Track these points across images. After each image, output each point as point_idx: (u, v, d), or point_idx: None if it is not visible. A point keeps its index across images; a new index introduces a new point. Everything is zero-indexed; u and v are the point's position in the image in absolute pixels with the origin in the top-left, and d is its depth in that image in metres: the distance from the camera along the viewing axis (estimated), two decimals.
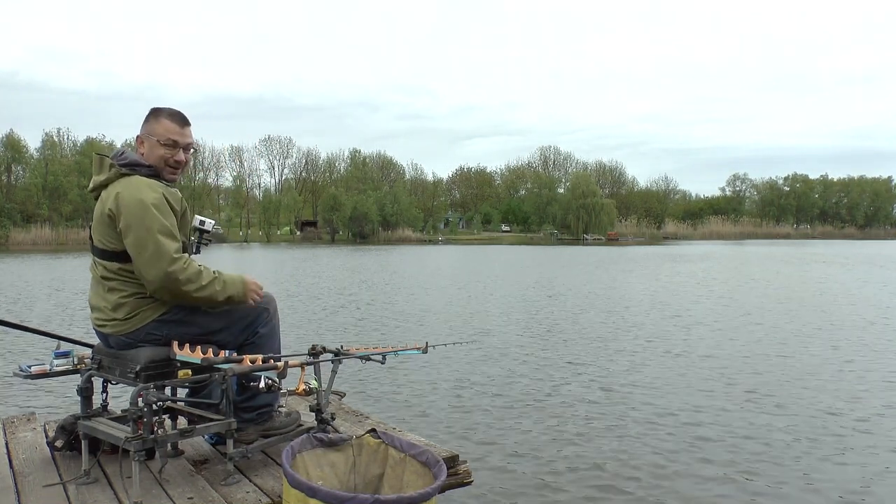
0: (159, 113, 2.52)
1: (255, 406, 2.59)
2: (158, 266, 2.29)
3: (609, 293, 15.18)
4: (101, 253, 2.44)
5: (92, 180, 2.50)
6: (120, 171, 2.43)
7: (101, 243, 2.43)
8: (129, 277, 2.41)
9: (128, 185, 2.38)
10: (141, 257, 2.31)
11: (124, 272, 2.41)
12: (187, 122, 2.54)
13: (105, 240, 2.41)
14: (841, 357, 7.46)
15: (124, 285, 2.41)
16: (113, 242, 2.39)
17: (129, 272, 2.40)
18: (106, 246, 2.41)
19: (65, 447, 2.62)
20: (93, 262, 2.52)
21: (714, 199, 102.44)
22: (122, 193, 2.35)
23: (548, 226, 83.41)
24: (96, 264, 2.48)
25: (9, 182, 64.97)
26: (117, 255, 2.40)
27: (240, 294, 2.48)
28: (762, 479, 3.90)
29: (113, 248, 2.40)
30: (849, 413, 5.23)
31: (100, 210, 2.43)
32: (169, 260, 2.30)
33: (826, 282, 18.00)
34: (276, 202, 79.69)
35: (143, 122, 2.52)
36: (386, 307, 12.70)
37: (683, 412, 5.27)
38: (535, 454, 4.33)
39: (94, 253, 2.49)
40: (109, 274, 2.42)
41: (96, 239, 2.45)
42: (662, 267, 25.37)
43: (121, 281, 2.41)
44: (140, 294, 2.41)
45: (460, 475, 2.63)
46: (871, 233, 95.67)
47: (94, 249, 2.49)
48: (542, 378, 6.50)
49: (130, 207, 2.32)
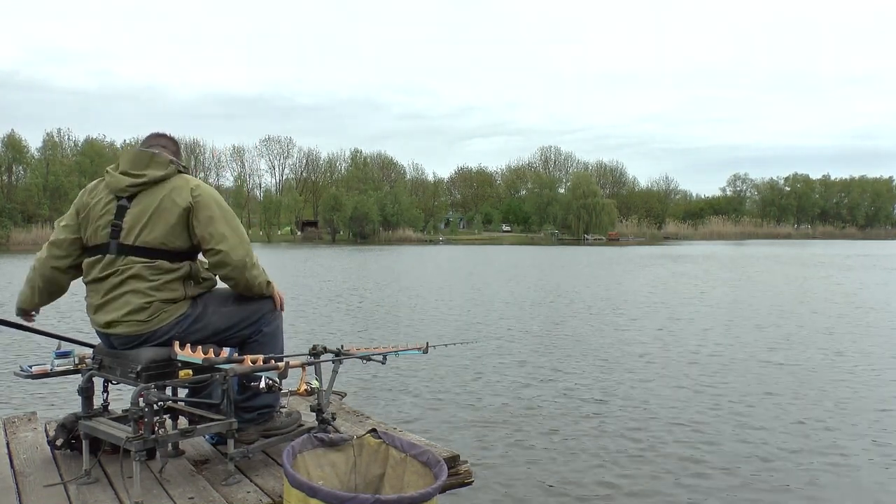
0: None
1: (256, 406, 2.59)
2: (244, 248, 2.48)
3: (610, 293, 15.18)
4: (149, 251, 2.36)
5: (140, 173, 2.40)
6: (178, 167, 2.50)
7: (152, 239, 2.35)
8: (166, 281, 2.38)
9: (199, 182, 2.50)
10: (227, 242, 2.43)
11: (167, 274, 2.37)
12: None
13: (165, 235, 2.36)
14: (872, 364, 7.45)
15: (154, 290, 2.36)
16: (174, 239, 2.37)
17: (170, 273, 2.38)
18: (161, 244, 2.36)
19: (65, 446, 2.62)
20: (109, 262, 2.39)
21: (715, 200, 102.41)
22: (199, 188, 2.46)
23: (548, 226, 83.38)
24: (128, 264, 2.36)
25: (9, 182, 65.00)
26: (172, 253, 2.38)
27: (272, 288, 2.65)
28: (769, 482, 3.90)
29: (171, 246, 2.38)
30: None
31: (164, 203, 2.37)
32: (249, 245, 2.53)
33: (842, 285, 17.98)
34: (276, 202, 79.71)
35: (173, 151, 2.59)
36: (386, 307, 12.70)
37: (685, 413, 5.27)
38: (535, 454, 4.33)
39: (127, 252, 2.37)
40: (146, 273, 2.36)
41: (144, 235, 2.35)
42: (663, 267, 25.36)
43: (153, 285, 2.36)
44: (165, 297, 2.38)
45: (461, 475, 2.63)
46: (871, 233, 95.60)
47: (127, 248, 2.37)
48: (543, 378, 6.50)
49: (211, 198, 2.46)
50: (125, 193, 2.41)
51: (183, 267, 2.43)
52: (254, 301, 2.59)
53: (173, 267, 2.40)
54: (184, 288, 2.44)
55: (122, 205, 2.41)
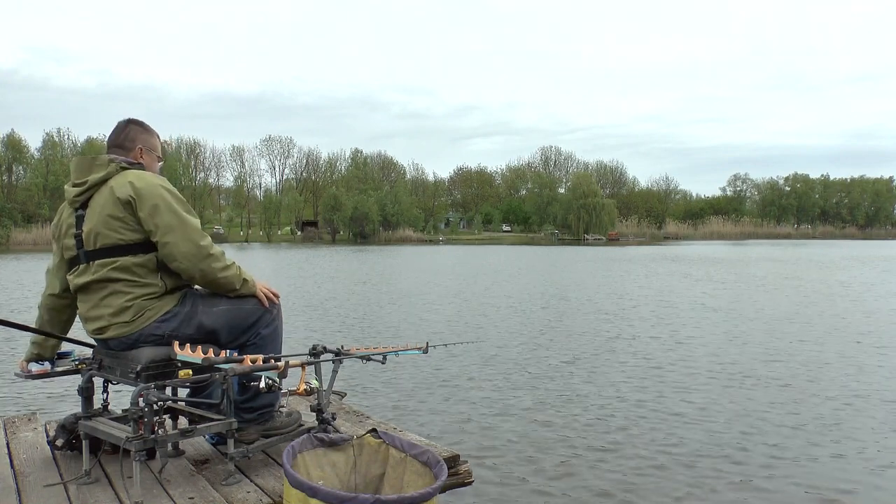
0: (149, 127, 2.65)
1: (256, 406, 2.59)
2: (192, 240, 2.37)
3: (610, 293, 15.18)
4: (109, 251, 2.37)
5: (83, 180, 2.43)
6: (120, 165, 2.45)
7: (108, 239, 2.36)
8: (139, 276, 2.38)
9: (139, 175, 2.42)
10: (174, 234, 2.35)
11: (136, 268, 2.37)
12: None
13: (117, 232, 2.36)
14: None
15: (131, 287, 2.37)
16: (128, 233, 2.36)
17: (140, 267, 2.37)
18: (118, 240, 2.36)
19: (65, 446, 2.62)
20: (83, 271, 2.42)
21: (715, 199, 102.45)
22: (139, 180, 2.39)
23: (548, 226, 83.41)
24: (97, 268, 2.38)
25: (10, 182, 65.06)
26: (131, 247, 2.37)
27: (251, 286, 2.56)
28: (773, 485, 3.90)
29: (128, 240, 2.36)
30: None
31: (107, 202, 2.37)
32: (200, 234, 2.40)
33: (850, 285, 17.98)
34: (276, 202, 79.78)
35: (138, 133, 2.59)
36: (386, 307, 12.70)
37: (687, 413, 5.27)
38: (536, 454, 4.33)
39: (93, 257, 2.39)
40: (116, 275, 2.36)
41: (101, 238, 2.37)
42: (663, 267, 25.36)
43: (128, 282, 2.37)
44: (146, 294, 2.38)
45: (461, 475, 2.63)
46: (871, 233, 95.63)
47: (92, 254, 2.39)
48: (543, 378, 6.50)
49: (154, 188, 2.38)
50: (77, 203, 2.47)
51: (149, 259, 2.40)
52: (249, 303, 2.57)
53: (138, 261, 2.38)
54: (161, 280, 2.42)
55: (80, 214, 2.46)
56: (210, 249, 2.41)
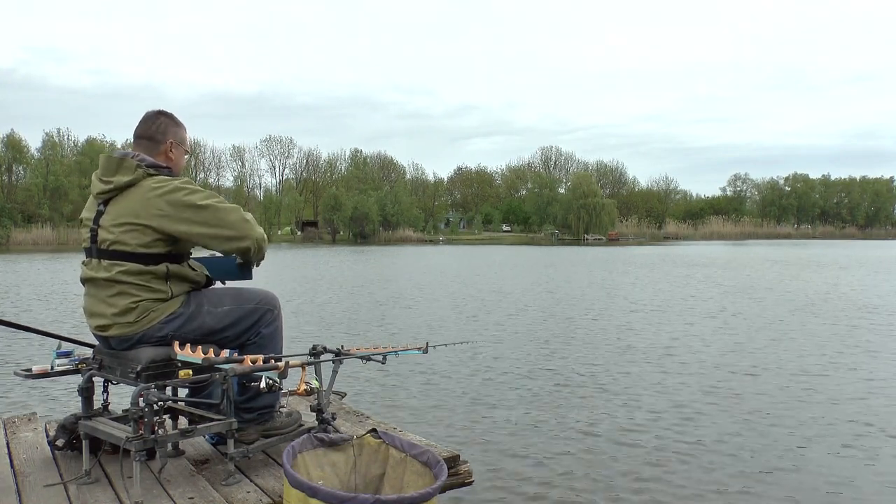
0: (178, 120, 2.61)
1: (256, 406, 2.59)
2: (254, 228, 2.44)
3: (610, 293, 15.18)
4: (121, 255, 2.36)
5: (109, 180, 2.40)
6: (147, 171, 2.40)
7: (122, 245, 2.35)
8: (147, 281, 2.37)
9: (164, 181, 2.39)
10: (233, 228, 2.38)
11: (145, 274, 2.36)
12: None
13: (132, 241, 2.34)
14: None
15: (139, 290, 2.36)
16: (143, 244, 2.34)
17: (149, 274, 2.36)
18: (132, 248, 2.35)
19: (65, 446, 2.63)
20: (94, 266, 2.42)
21: (715, 199, 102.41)
22: (170, 185, 2.36)
23: (548, 226, 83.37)
24: (108, 267, 2.38)
25: (10, 182, 65.06)
26: (143, 257, 2.36)
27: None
28: (774, 486, 3.90)
29: (141, 250, 2.35)
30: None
31: (129, 210, 2.35)
32: (245, 221, 2.42)
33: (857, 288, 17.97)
34: (276, 202, 79.79)
35: (168, 125, 2.56)
36: (386, 307, 12.70)
37: (688, 413, 5.27)
38: (536, 454, 4.33)
39: (104, 256, 2.39)
40: (125, 277, 2.35)
41: (115, 243, 2.36)
42: (662, 267, 25.36)
43: (136, 286, 2.36)
44: (152, 297, 2.38)
45: (461, 475, 2.63)
46: (871, 233, 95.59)
47: (103, 253, 2.39)
48: (543, 378, 6.50)
49: (189, 195, 2.37)
50: (101, 199, 2.45)
51: (160, 268, 2.39)
52: (251, 303, 2.57)
53: (149, 269, 2.37)
54: (169, 286, 2.42)
55: (100, 209, 2.44)
56: (258, 231, 2.45)
